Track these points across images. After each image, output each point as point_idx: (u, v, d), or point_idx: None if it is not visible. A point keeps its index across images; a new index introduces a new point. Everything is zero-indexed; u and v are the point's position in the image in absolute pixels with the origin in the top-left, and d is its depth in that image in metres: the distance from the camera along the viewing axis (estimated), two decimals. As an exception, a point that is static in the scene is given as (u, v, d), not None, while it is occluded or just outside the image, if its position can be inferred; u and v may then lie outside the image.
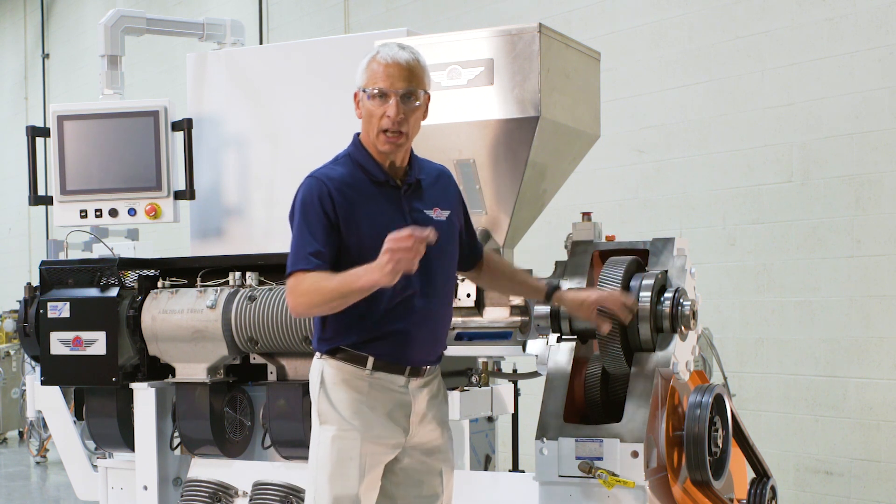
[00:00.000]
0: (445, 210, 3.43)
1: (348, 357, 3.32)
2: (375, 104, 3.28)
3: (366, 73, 3.31)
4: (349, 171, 3.34)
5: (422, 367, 3.38)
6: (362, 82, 3.32)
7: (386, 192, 3.34)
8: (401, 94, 3.26)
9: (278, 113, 5.62)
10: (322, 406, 3.35)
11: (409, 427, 3.37)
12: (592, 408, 3.88)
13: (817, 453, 6.96)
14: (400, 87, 3.26)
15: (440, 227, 3.34)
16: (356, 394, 3.30)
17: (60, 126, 5.65)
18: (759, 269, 7.24)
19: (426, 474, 3.43)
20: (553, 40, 3.95)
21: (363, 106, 3.32)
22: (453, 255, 3.48)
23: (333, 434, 3.30)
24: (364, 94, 3.31)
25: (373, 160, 3.35)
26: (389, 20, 9.98)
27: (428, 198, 3.41)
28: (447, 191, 3.48)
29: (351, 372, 3.32)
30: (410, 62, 3.29)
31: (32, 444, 11.38)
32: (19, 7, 17.58)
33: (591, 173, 7.64)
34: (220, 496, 4.95)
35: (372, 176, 3.34)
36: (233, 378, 5.03)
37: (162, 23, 6.33)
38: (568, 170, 4.30)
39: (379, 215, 3.29)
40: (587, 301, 3.57)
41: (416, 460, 3.41)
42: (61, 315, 5.12)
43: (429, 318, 3.36)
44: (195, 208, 5.81)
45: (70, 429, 5.83)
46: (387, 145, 3.30)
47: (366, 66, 3.31)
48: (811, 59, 6.94)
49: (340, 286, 3.14)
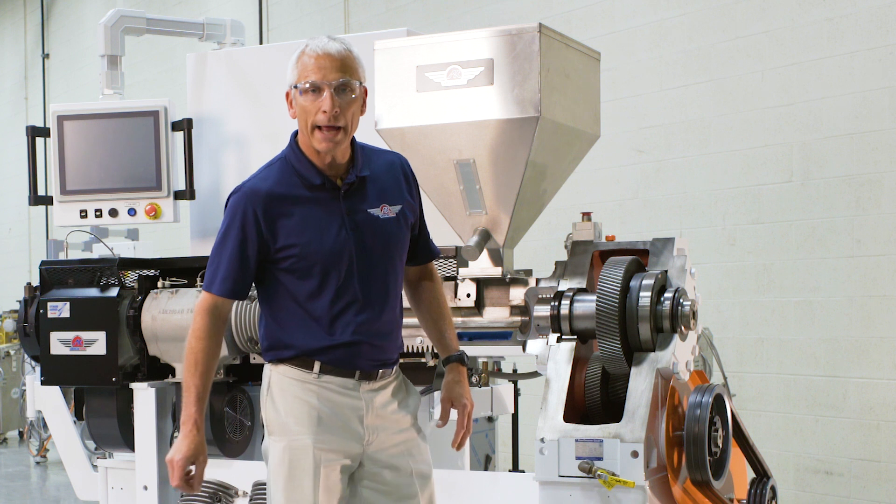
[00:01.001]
0: (395, 205, 3.26)
1: (295, 362, 3.20)
2: (308, 99, 3.13)
3: (296, 68, 3.16)
4: (281, 178, 3.20)
5: (374, 370, 3.24)
6: (293, 79, 3.16)
7: (321, 195, 3.19)
8: (334, 85, 3.12)
9: (278, 113, 5.57)
10: (269, 416, 3.23)
11: (365, 433, 3.22)
12: (592, 408, 3.88)
13: (817, 453, 6.96)
14: (333, 79, 3.12)
15: (387, 226, 3.23)
16: (304, 401, 3.18)
17: (60, 126, 5.65)
18: (759, 269, 7.24)
19: (397, 480, 3.28)
20: (553, 40, 3.94)
21: (296, 104, 3.17)
22: (402, 253, 3.31)
23: (284, 445, 3.18)
24: (296, 91, 3.15)
25: (308, 163, 3.20)
26: (389, 20, 9.98)
27: (373, 195, 3.24)
28: (398, 183, 3.31)
29: (298, 377, 3.19)
30: (342, 52, 3.14)
31: (32, 444, 11.38)
32: (19, 7, 17.58)
33: (591, 173, 7.64)
34: (220, 496, 4.95)
35: (306, 180, 3.19)
36: (233, 378, 5.03)
37: (162, 23, 6.34)
38: (568, 170, 4.30)
39: (312, 221, 3.16)
40: (448, 398, 3.45)
41: (382, 466, 3.26)
42: (61, 315, 5.12)
43: (374, 324, 3.22)
44: (195, 208, 5.81)
45: (70, 429, 5.83)
46: (323, 143, 3.14)
47: (295, 61, 3.16)
48: (811, 59, 6.94)
49: (186, 378, 3.24)
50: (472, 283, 4.21)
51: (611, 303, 3.68)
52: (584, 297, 3.85)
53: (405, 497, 3.30)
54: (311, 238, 3.16)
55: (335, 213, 3.19)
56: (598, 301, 3.70)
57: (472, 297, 4.21)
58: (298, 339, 3.20)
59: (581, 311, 3.82)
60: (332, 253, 3.17)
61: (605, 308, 3.68)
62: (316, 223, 3.17)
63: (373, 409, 3.24)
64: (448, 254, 4.37)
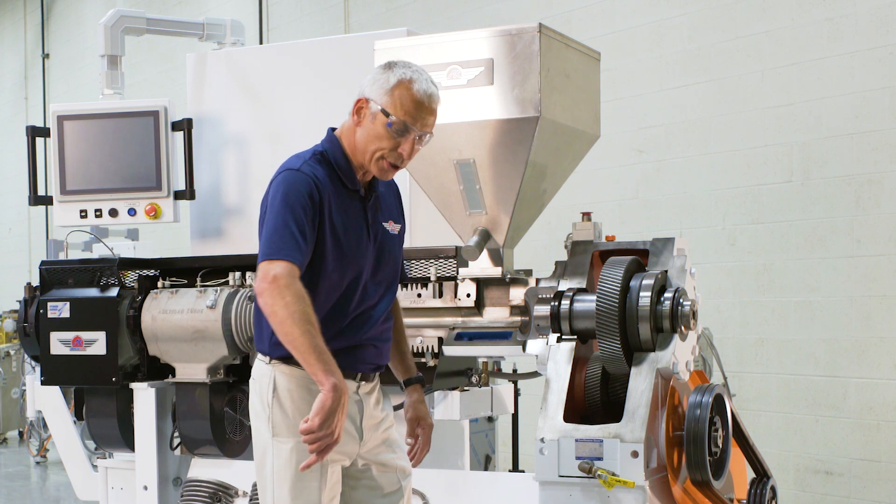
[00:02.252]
0: (397, 224, 3.40)
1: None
2: (391, 133, 3.14)
3: (392, 94, 3.13)
4: (328, 174, 3.21)
5: (372, 373, 3.35)
6: (384, 103, 3.13)
7: (355, 200, 3.26)
8: (421, 135, 3.17)
9: (278, 113, 5.63)
10: (276, 417, 3.20)
11: (363, 432, 3.31)
12: (592, 408, 3.88)
13: (817, 453, 6.96)
14: (427, 130, 3.17)
15: (395, 240, 3.36)
16: (311, 402, 3.09)
17: (60, 126, 5.65)
18: (759, 269, 7.24)
19: (385, 476, 3.38)
20: (553, 40, 3.94)
21: (374, 124, 3.15)
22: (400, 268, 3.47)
23: (291, 446, 3.17)
24: (381, 114, 3.13)
25: (350, 167, 3.23)
26: (389, 20, 9.98)
27: (385, 210, 3.36)
28: (398, 203, 3.45)
29: (305, 377, 3.14)
30: (437, 103, 3.18)
31: (32, 444, 11.38)
32: (19, 7, 17.58)
33: (591, 173, 7.64)
34: (220, 496, 4.95)
35: (346, 182, 3.23)
36: (233, 378, 5.03)
37: (162, 23, 6.34)
38: (568, 170, 4.30)
39: (350, 223, 3.22)
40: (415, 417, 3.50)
41: (372, 463, 3.36)
42: (61, 315, 5.12)
43: (380, 325, 3.33)
44: (195, 208, 5.81)
45: (70, 429, 5.84)
46: (381, 173, 3.21)
47: (393, 86, 3.14)
48: (811, 59, 6.94)
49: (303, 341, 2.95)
50: (472, 283, 4.21)
51: (611, 303, 3.68)
52: (584, 296, 3.85)
53: (391, 493, 3.40)
54: (352, 237, 3.21)
55: (363, 221, 3.27)
56: (598, 301, 3.70)
57: (472, 297, 4.21)
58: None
59: (581, 311, 3.82)
60: (362, 256, 3.24)
61: (605, 308, 3.68)
62: (354, 224, 3.24)
63: (367, 409, 3.33)
64: (448, 254, 4.37)
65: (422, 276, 4.36)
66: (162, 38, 6.94)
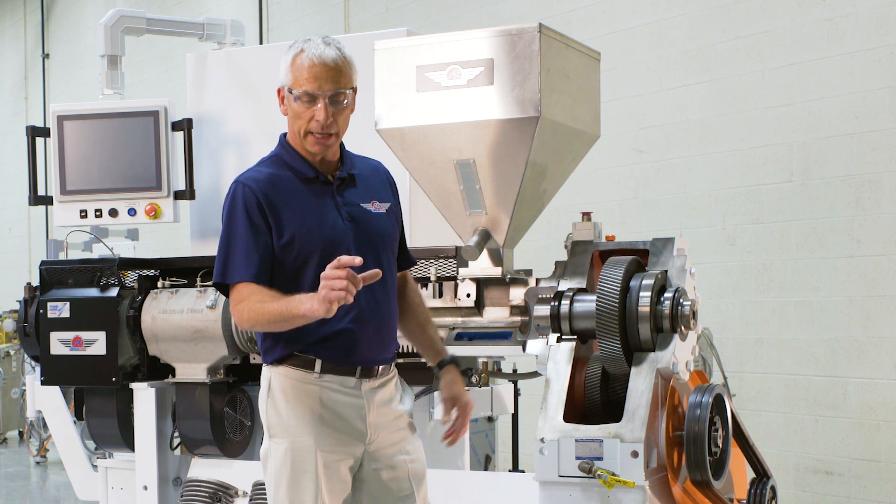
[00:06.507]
0: (384, 203, 3.35)
1: (295, 362, 3.20)
2: (303, 106, 3.19)
3: (291, 70, 3.20)
4: (276, 171, 3.25)
5: (374, 367, 3.26)
6: (287, 80, 3.20)
7: (316, 187, 3.26)
8: (328, 95, 3.17)
9: (278, 113, 5.60)
10: (271, 418, 3.22)
11: (367, 432, 3.24)
12: (592, 408, 3.88)
13: (817, 453, 6.96)
14: (328, 90, 3.16)
15: (379, 219, 3.30)
16: (305, 402, 3.18)
17: (60, 126, 5.65)
18: (759, 269, 7.24)
19: (395, 479, 3.30)
20: (553, 40, 3.94)
21: (289, 105, 3.23)
22: (395, 248, 3.40)
23: (286, 447, 3.18)
24: (290, 94, 3.20)
25: (300, 158, 3.27)
26: (389, 20, 9.98)
27: (364, 191, 3.33)
28: (385, 186, 3.40)
29: (299, 377, 3.19)
30: (338, 61, 3.17)
31: (32, 444, 11.37)
32: (19, 7, 17.58)
33: (591, 173, 7.64)
34: (220, 496, 4.95)
35: (300, 174, 3.25)
36: (233, 378, 5.04)
37: (162, 23, 6.34)
38: (568, 170, 4.30)
39: (310, 210, 3.20)
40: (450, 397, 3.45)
41: (382, 465, 3.28)
42: (61, 315, 5.13)
43: (374, 313, 3.24)
44: (195, 208, 5.82)
45: (70, 429, 5.83)
46: (316, 146, 3.22)
47: (291, 62, 3.20)
48: (811, 59, 6.94)
49: (282, 311, 3.01)
50: (472, 283, 4.21)
51: (611, 303, 3.68)
52: (584, 296, 3.85)
53: (402, 497, 3.32)
54: (311, 226, 3.19)
55: (330, 205, 3.25)
56: (598, 301, 3.70)
57: (472, 297, 4.21)
58: (298, 334, 3.14)
59: (581, 311, 3.82)
60: (331, 241, 3.20)
61: (605, 308, 3.68)
62: (314, 213, 3.21)
63: (374, 406, 3.26)
64: (448, 254, 4.37)
65: (422, 276, 4.36)
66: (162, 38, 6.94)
